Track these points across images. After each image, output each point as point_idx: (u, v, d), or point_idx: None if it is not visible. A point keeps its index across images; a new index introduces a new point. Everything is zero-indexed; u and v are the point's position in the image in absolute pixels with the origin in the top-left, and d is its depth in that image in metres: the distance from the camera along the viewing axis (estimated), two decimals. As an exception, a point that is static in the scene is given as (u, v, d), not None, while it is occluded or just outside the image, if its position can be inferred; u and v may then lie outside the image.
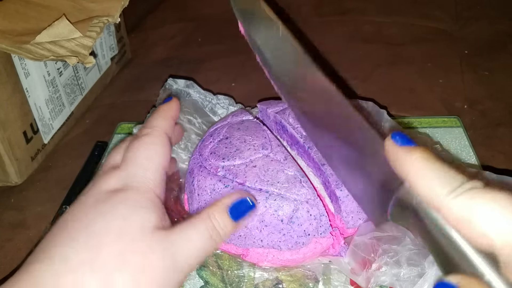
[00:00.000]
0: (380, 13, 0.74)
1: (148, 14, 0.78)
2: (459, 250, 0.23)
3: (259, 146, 0.41)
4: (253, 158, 0.40)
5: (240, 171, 0.39)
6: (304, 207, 0.37)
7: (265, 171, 0.39)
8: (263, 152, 0.40)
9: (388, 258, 0.36)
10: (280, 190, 0.37)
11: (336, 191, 0.38)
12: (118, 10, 0.50)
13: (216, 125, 0.45)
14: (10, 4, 0.48)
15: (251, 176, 0.38)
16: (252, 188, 0.38)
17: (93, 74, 0.60)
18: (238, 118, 0.45)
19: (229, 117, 0.46)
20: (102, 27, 0.48)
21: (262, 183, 0.38)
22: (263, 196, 0.37)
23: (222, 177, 0.39)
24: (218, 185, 0.39)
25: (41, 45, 0.44)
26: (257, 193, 0.38)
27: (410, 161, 0.25)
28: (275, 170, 0.39)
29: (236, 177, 0.39)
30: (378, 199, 0.29)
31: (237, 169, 0.39)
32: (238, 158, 0.40)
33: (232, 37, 0.71)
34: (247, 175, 0.39)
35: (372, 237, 0.37)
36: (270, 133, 0.43)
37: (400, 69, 0.63)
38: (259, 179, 0.38)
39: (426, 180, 0.24)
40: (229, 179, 0.39)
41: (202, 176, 0.40)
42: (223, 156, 0.41)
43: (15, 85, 0.47)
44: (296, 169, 0.39)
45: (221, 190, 0.39)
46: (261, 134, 0.42)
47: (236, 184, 0.38)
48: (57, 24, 0.45)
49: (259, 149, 0.40)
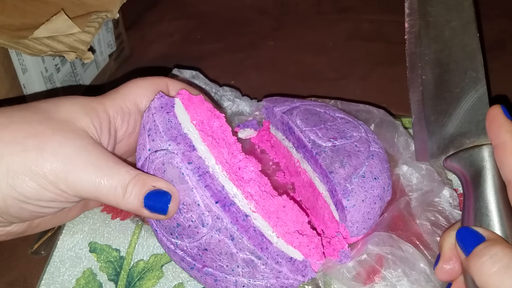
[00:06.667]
0: (380, 12, 0.73)
1: (147, 11, 0.77)
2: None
3: (198, 222, 0.34)
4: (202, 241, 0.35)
5: (196, 254, 0.35)
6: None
7: (218, 255, 0.34)
8: (205, 230, 0.34)
9: (394, 279, 0.36)
10: (244, 277, 0.35)
11: (343, 200, 0.38)
12: (117, 6, 0.49)
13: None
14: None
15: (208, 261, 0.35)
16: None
17: (91, 71, 0.60)
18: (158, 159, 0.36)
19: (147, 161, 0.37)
20: (100, 23, 0.47)
21: (222, 269, 0.35)
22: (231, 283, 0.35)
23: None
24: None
25: (39, 40, 0.44)
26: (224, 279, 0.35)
27: (506, 131, 0.31)
28: (228, 253, 0.34)
29: (194, 260, 0.36)
30: (446, 141, 0.36)
31: (190, 251, 0.36)
32: (187, 237, 0.35)
33: (231, 35, 0.71)
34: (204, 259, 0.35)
35: (387, 252, 0.37)
36: (196, 188, 0.34)
37: (400, 68, 0.63)
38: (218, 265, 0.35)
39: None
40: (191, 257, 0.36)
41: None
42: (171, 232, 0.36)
43: (13, 81, 0.47)
44: (249, 250, 0.34)
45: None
46: (188, 194, 0.34)
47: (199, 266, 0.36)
48: (55, 19, 0.45)
49: (199, 227, 0.34)
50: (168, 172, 0.34)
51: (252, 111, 0.52)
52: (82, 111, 0.35)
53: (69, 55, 0.43)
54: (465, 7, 0.37)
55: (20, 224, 0.35)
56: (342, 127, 0.42)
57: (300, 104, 0.45)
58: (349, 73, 0.63)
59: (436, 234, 0.39)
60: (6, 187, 0.31)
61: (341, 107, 0.48)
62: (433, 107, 0.37)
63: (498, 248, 0.28)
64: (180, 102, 0.38)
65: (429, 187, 0.41)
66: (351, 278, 0.37)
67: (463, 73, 0.36)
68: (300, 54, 0.66)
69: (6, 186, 0.31)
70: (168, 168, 0.34)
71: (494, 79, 0.57)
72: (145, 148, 0.36)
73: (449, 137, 0.36)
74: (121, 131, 0.38)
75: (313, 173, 0.41)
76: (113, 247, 0.44)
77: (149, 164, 0.36)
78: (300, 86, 0.61)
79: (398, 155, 0.44)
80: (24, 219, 0.34)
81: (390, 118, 0.46)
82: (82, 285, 0.41)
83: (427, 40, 0.38)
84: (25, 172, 0.31)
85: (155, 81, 0.39)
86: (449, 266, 0.33)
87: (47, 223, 0.38)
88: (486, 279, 0.27)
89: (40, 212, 0.34)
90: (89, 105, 0.36)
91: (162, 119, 0.36)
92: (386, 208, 0.41)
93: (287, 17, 0.73)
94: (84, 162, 0.32)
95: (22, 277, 0.43)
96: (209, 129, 0.38)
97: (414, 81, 0.39)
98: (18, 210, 0.32)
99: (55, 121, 0.33)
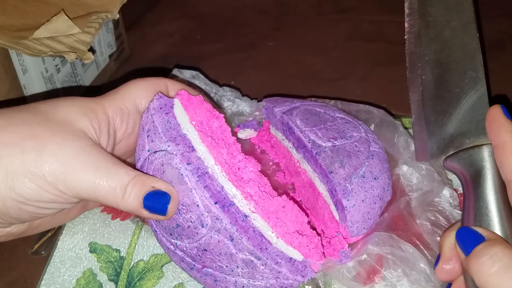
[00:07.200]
0: (380, 12, 0.73)
1: (147, 11, 0.77)
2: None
3: (197, 222, 0.34)
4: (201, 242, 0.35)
5: (195, 255, 0.35)
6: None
7: (218, 255, 0.34)
8: (204, 231, 0.34)
9: (394, 279, 0.36)
10: (243, 278, 0.35)
11: (343, 201, 0.38)
12: (117, 6, 0.49)
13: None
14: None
15: (208, 262, 0.35)
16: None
17: (91, 71, 0.60)
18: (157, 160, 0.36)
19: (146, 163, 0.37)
20: (101, 23, 0.47)
21: (222, 269, 0.35)
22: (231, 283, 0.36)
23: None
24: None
25: (40, 41, 0.44)
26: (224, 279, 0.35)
27: (506, 131, 0.32)
28: (227, 253, 0.34)
29: (194, 260, 0.36)
30: (446, 141, 0.36)
31: (190, 252, 0.36)
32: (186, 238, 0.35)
33: (231, 35, 0.71)
34: (203, 260, 0.35)
35: (387, 252, 0.37)
36: (195, 188, 0.34)
37: (400, 68, 0.63)
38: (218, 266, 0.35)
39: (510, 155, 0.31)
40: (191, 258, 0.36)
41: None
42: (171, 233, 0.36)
43: (13, 81, 0.47)
44: (248, 251, 0.34)
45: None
46: (187, 195, 0.34)
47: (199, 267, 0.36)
48: (55, 20, 0.45)
49: (198, 227, 0.34)
50: (167, 173, 0.34)
51: (252, 111, 0.52)
52: (81, 112, 0.35)
53: (69, 56, 0.43)
54: (465, 7, 0.37)
55: (20, 225, 0.36)
56: (342, 127, 0.42)
57: (300, 104, 0.45)
58: (349, 73, 0.63)
59: (436, 234, 0.39)
60: (5, 188, 0.31)
61: (341, 107, 0.48)
62: (433, 107, 0.37)
63: (498, 248, 0.28)
64: (179, 102, 0.38)
65: (429, 187, 0.41)
66: (351, 278, 0.37)
67: (463, 73, 0.36)
68: (300, 54, 0.66)
69: (5, 187, 0.31)
70: (167, 169, 0.34)
71: (494, 79, 0.57)
72: (144, 149, 0.36)
73: (449, 137, 0.36)
74: (120, 132, 0.38)
75: (313, 173, 0.41)
76: (113, 247, 0.44)
77: (148, 165, 0.36)
78: (300, 86, 0.61)
79: (398, 155, 0.44)
80: (23, 220, 0.34)
81: (390, 118, 0.46)
82: (82, 285, 0.41)
83: (427, 40, 0.38)
84: (24, 173, 0.31)
85: (154, 81, 0.39)
86: (449, 266, 0.33)
87: (46, 223, 0.38)
88: (486, 279, 0.27)
89: (40, 213, 0.34)
90: (88, 106, 0.36)
91: (161, 120, 0.36)
92: (386, 208, 0.41)
93: (287, 18, 0.73)
94: (83, 163, 0.32)
95: (22, 277, 0.43)
96: (209, 130, 0.38)
97: (414, 81, 0.39)
98: (18, 211, 0.32)
99: (53, 123, 0.33)
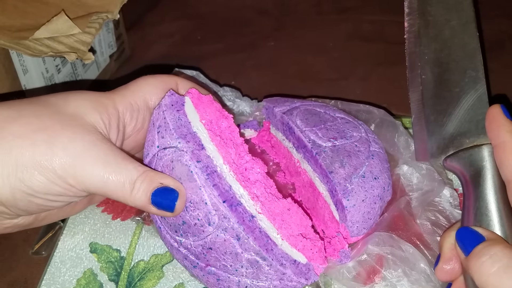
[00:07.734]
0: (380, 12, 0.73)
1: (147, 12, 0.77)
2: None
3: (204, 220, 0.34)
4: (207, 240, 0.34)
5: (200, 253, 0.35)
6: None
7: (223, 254, 0.34)
8: (210, 229, 0.34)
9: (394, 279, 0.36)
10: (247, 278, 0.35)
11: (343, 200, 0.38)
12: (117, 6, 0.50)
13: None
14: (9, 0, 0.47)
15: (212, 260, 0.35)
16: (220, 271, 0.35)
17: (92, 72, 0.60)
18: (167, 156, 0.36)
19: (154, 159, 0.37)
20: (101, 24, 0.47)
21: (226, 268, 0.35)
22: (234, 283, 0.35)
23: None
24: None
25: (40, 41, 0.44)
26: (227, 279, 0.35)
27: (505, 131, 0.32)
28: (233, 253, 0.34)
29: (198, 258, 0.36)
30: (446, 141, 0.36)
31: (194, 250, 0.35)
32: (192, 236, 0.35)
33: (231, 35, 0.71)
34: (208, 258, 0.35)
35: (387, 252, 0.37)
36: (204, 186, 0.34)
37: (400, 68, 0.63)
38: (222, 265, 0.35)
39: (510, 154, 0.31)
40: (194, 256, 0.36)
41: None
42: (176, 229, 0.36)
43: (13, 82, 0.47)
44: (254, 251, 0.34)
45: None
46: (195, 193, 0.34)
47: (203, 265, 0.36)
48: (56, 20, 0.45)
49: (205, 225, 0.34)
50: (176, 170, 0.34)
51: (253, 111, 0.52)
52: (91, 106, 0.35)
53: (69, 56, 0.43)
54: (465, 7, 0.37)
55: (27, 217, 0.36)
56: (342, 127, 0.42)
57: (300, 104, 0.45)
58: (350, 73, 0.63)
59: (437, 234, 0.39)
60: (15, 180, 0.31)
61: (341, 107, 0.48)
62: (433, 107, 0.37)
63: (498, 248, 0.28)
64: (190, 100, 0.38)
65: (430, 186, 0.41)
66: (351, 278, 0.37)
67: (462, 72, 0.36)
68: (300, 55, 0.66)
69: (15, 179, 0.31)
70: (177, 166, 0.34)
71: (494, 79, 0.57)
72: (154, 145, 0.36)
73: (449, 137, 0.36)
74: (129, 127, 0.38)
75: (313, 173, 0.41)
76: (113, 247, 0.44)
77: (157, 161, 0.36)
78: (300, 87, 0.61)
79: (398, 155, 0.44)
80: (31, 212, 0.34)
81: (390, 118, 0.46)
82: (83, 285, 0.41)
83: (426, 40, 0.38)
84: (34, 166, 0.31)
85: (165, 79, 0.39)
86: (449, 266, 0.33)
87: (53, 216, 0.38)
88: (486, 279, 0.27)
89: (48, 205, 0.34)
90: (98, 100, 0.36)
91: (172, 116, 0.36)
92: (386, 208, 0.41)
93: (288, 18, 0.73)
94: (93, 157, 0.32)
95: (23, 277, 0.43)
96: (218, 129, 0.38)
97: (414, 80, 0.39)
98: (26, 203, 0.33)
99: (64, 116, 0.33)
